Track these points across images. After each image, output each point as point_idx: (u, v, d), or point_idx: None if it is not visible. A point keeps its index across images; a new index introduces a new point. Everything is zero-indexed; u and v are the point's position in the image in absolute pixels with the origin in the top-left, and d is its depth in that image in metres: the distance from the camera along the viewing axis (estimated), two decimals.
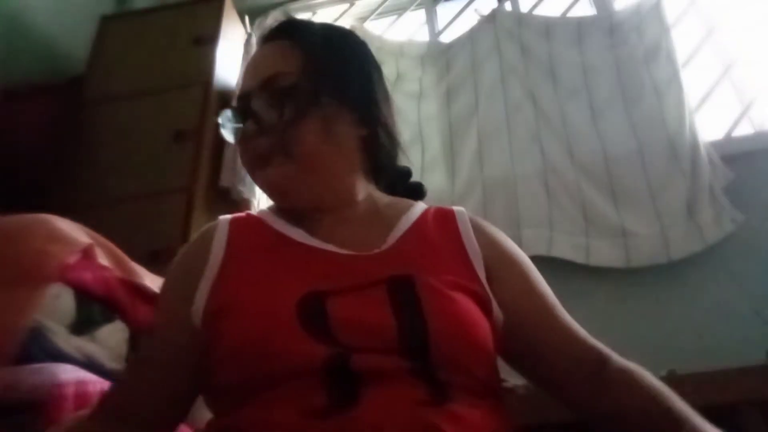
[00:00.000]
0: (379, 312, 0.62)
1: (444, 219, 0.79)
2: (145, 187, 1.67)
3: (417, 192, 0.93)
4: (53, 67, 1.95)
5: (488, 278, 0.72)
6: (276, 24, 0.83)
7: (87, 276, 0.98)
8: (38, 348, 0.86)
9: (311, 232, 0.74)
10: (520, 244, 2.07)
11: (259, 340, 0.60)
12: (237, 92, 0.79)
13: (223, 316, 0.64)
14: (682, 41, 2.12)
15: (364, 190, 0.81)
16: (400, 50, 2.35)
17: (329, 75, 0.76)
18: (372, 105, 0.80)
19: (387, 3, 2.59)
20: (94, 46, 2.03)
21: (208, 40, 1.95)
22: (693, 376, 1.20)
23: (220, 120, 0.79)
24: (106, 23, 2.09)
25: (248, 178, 1.92)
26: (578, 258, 1.83)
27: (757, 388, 1.14)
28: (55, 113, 1.80)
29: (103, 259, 1.05)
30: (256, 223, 0.78)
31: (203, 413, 0.69)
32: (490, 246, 0.76)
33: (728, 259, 1.77)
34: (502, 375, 1.29)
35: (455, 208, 0.82)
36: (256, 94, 0.75)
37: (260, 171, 0.75)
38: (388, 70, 2.35)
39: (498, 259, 0.75)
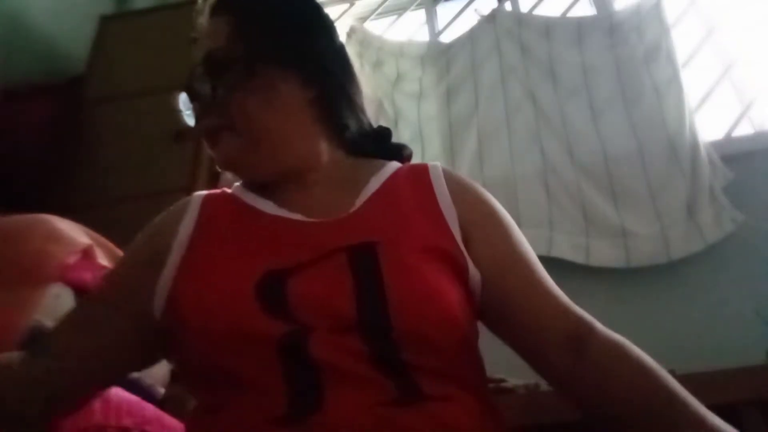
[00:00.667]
0: (337, 286, 0.60)
1: (417, 176, 0.75)
2: (145, 187, 1.67)
3: (398, 154, 0.84)
4: (53, 67, 1.95)
5: (464, 238, 0.68)
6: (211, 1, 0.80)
7: (87, 276, 0.98)
8: None
9: (280, 202, 0.71)
10: None
11: (219, 322, 0.59)
12: None
13: (186, 303, 0.62)
14: (682, 41, 2.13)
15: (329, 153, 0.76)
16: (400, 50, 2.35)
17: (259, 39, 0.73)
18: (314, 63, 0.75)
19: (387, 3, 2.59)
20: (94, 46, 2.02)
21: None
22: (693, 376, 1.19)
23: (179, 105, 0.77)
24: (106, 23, 2.09)
25: None
26: (578, 258, 1.83)
27: (757, 388, 1.14)
28: (55, 113, 1.80)
29: (103, 259, 1.05)
30: (228, 198, 0.76)
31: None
32: (467, 202, 0.71)
33: (728, 259, 1.77)
34: (502, 375, 1.29)
35: (430, 163, 0.77)
36: (196, 74, 0.74)
37: (213, 150, 0.74)
38: (388, 70, 2.36)
39: (475, 217, 0.70)
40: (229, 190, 0.78)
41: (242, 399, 0.57)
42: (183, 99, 0.77)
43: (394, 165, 0.79)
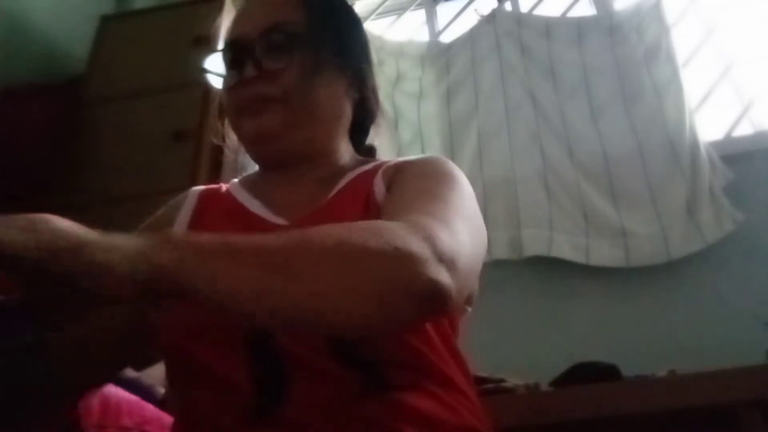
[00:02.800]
0: None
1: (377, 167, 0.74)
2: (145, 187, 1.67)
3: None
4: (53, 67, 1.95)
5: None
6: None
7: None
8: None
9: (267, 201, 0.73)
10: (520, 244, 2.06)
11: (191, 312, 0.59)
12: (228, 37, 0.78)
13: None
14: (682, 41, 2.13)
15: (345, 150, 0.80)
16: (400, 50, 2.35)
17: (332, 33, 0.77)
18: (365, 70, 0.81)
19: (387, 3, 2.59)
20: (94, 46, 2.02)
21: (208, 40, 1.95)
22: (693, 376, 1.19)
23: (206, 65, 0.77)
24: (106, 23, 2.08)
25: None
26: (578, 258, 1.83)
27: (756, 388, 1.14)
28: (55, 113, 1.80)
29: None
30: (222, 195, 0.77)
31: None
32: (396, 172, 0.70)
33: (728, 259, 1.77)
34: (502, 375, 1.29)
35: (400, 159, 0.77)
36: (258, 40, 0.73)
37: (252, 118, 0.72)
38: (388, 70, 2.36)
39: (396, 176, 0.69)
40: (225, 186, 0.79)
41: (210, 391, 0.58)
42: (215, 59, 0.77)
43: (377, 162, 0.79)
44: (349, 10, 0.85)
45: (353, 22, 0.84)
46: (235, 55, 0.74)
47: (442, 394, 0.59)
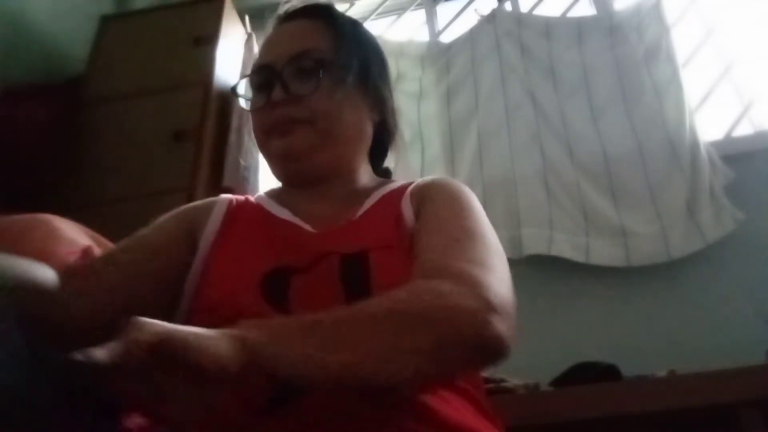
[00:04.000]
0: (330, 288, 0.65)
1: (403, 187, 0.80)
2: (145, 187, 1.67)
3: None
4: (53, 67, 1.95)
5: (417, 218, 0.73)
6: (304, 4, 0.88)
7: None
8: None
9: (294, 211, 0.78)
10: (520, 244, 2.06)
11: (225, 305, 0.65)
12: (258, 62, 0.84)
13: (201, 290, 0.69)
14: (682, 41, 2.13)
15: (364, 170, 0.86)
16: (400, 50, 2.35)
17: (358, 58, 0.82)
18: (385, 93, 0.88)
19: (387, 3, 2.59)
20: (94, 46, 2.02)
21: (208, 40, 1.95)
22: (693, 376, 1.20)
23: (238, 88, 0.84)
24: (106, 23, 2.08)
25: (251, 178, 1.92)
26: (578, 257, 1.83)
27: (756, 388, 1.14)
28: (55, 113, 1.80)
29: None
30: (251, 204, 0.83)
31: None
32: (423, 191, 0.76)
33: (728, 259, 1.77)
34: (502, 375, 1.29)
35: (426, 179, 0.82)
36: (288, 64, 0.78)
37: (280, 138, 0.78)
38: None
39: (425, 198, 0.74)
40: (252, 198, 0.85)
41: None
42: (245, 83, 0.84)
43: (400, 183, 0.84)
44: (372, 37, 0.92)
45: (375, 48, 0.91)
46: (263, 79, 0.81)
47: (447, 395, 0.61)
